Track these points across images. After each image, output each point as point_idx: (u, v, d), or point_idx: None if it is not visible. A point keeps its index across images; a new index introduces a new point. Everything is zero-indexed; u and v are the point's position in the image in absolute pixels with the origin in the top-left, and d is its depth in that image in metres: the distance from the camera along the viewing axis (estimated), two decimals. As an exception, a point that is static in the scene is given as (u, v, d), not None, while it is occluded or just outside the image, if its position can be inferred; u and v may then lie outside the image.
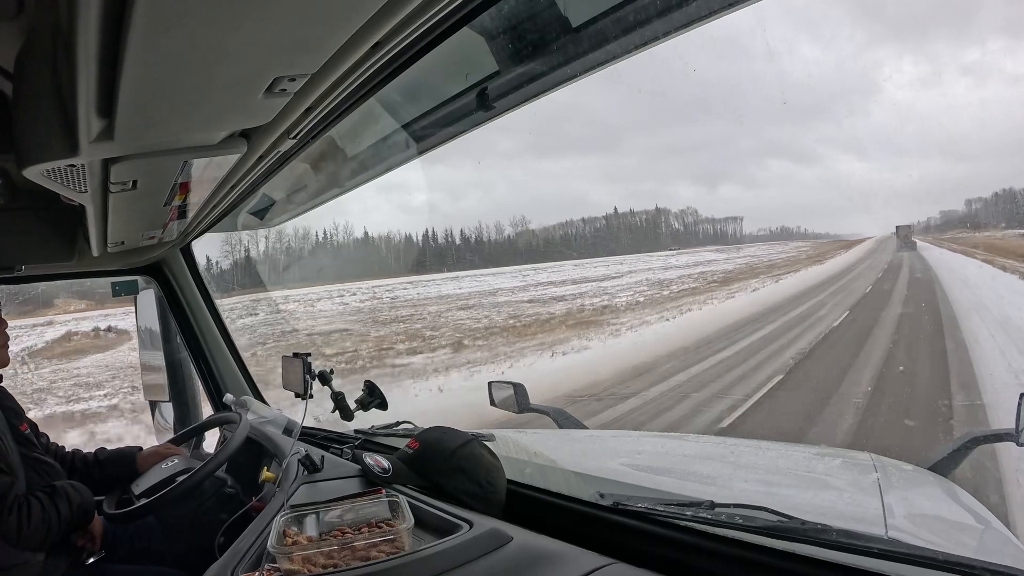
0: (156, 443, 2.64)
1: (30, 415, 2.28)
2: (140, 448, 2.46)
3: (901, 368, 10.89)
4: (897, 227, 34.45)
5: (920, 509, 1.73)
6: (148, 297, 3.37)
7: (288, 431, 2.42)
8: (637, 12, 1.50)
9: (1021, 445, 1.72)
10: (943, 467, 1.89)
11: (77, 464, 2.37)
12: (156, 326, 3.36)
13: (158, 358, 3.38)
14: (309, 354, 2.15)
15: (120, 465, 2.38)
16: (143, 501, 2.12)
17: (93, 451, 2.44)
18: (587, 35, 1.57)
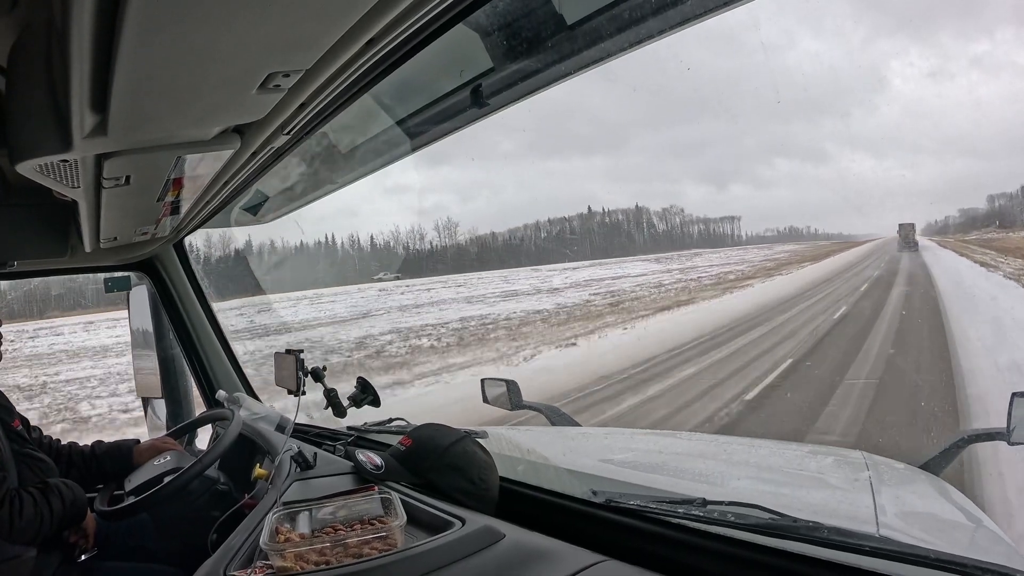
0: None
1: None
2: (137, 441, 2.46)
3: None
4: (900, 225, 30.79)
5: (912, 507, 1.74)
6: (141, 293, 3.36)
7: (281, 428, 2.42)
8: (632, 10, 1.50)
9: (1012, 444, 1.73)
10: (935, 465, 1.89)
11: (74, 458, 2.37)
12: (149, 322, 3.35)
13: (151, 354, 3.37)
14: (302, 351, 2.15)
15: (117, 458, 2.38)
16: (132, 499, 2.12)
17: (90, 444, 2.43)
18: (582, 32, 1.57)
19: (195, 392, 3.33)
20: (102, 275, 3.28)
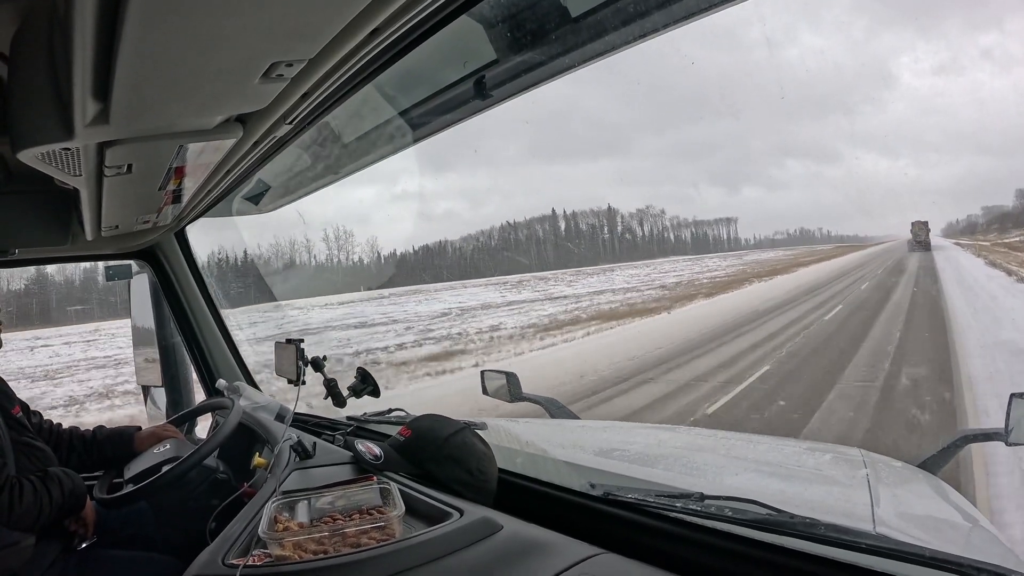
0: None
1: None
2: (139, 428, 2.47)
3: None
4: (912, 223, 28.63)
5: (909, 505, 1.74)
6: (142, 281, 3.36)
7: (280, 417, 2.42)
8: (637, 3, 1.50)
9: (1010, 444, 1.73)
10: (932, 464, 1.90)
11: (75, 443, 2.37)
12: (149, 311, 3.35)
13: (151, 343, 3.38)
14: (302, 340, 2.15)
15: (118, 444, 2.38)
16: (130, 488, 2.13)
17: (91, 429, 2.44)
18: (586, 25, 1.57)
19: (195, 381, 3.34)
20: (103, 263, 3.27)
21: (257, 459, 2.04)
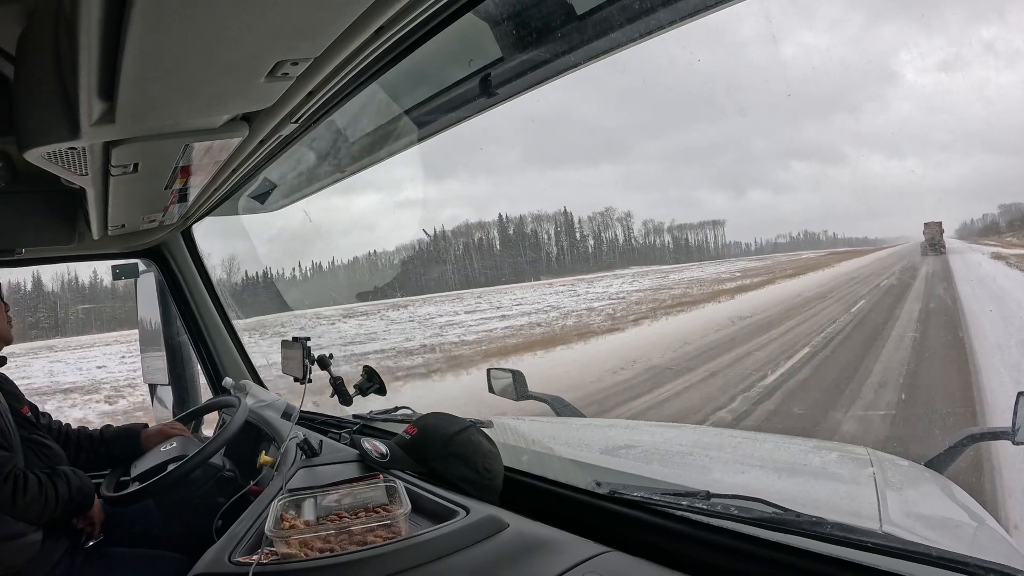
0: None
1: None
2: (146, 425, 2.48)
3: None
4: (925, 225, 25.78)
5: (915, 505, 1.73)
6: (148, 280, 3.37)
7: (287, 415, 2.43)
8: (643, 0, 1.49)
9: (1017, 443, 1.72)
10: (939, 463, 1.88)
11: (83, 442, 2.39)
12: (156, 309, 3.36)
13: (158, 341, 3.39)
14: (308, 338, 2.15)
15: (125, 442, 2.40)
16: (136, 486, 2.13)
17: (99, 428, 2.45)
18: (592, 22, 1.56)
19: (202, 379, 3.35)
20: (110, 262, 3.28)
21: (263, 457, 2.04)
